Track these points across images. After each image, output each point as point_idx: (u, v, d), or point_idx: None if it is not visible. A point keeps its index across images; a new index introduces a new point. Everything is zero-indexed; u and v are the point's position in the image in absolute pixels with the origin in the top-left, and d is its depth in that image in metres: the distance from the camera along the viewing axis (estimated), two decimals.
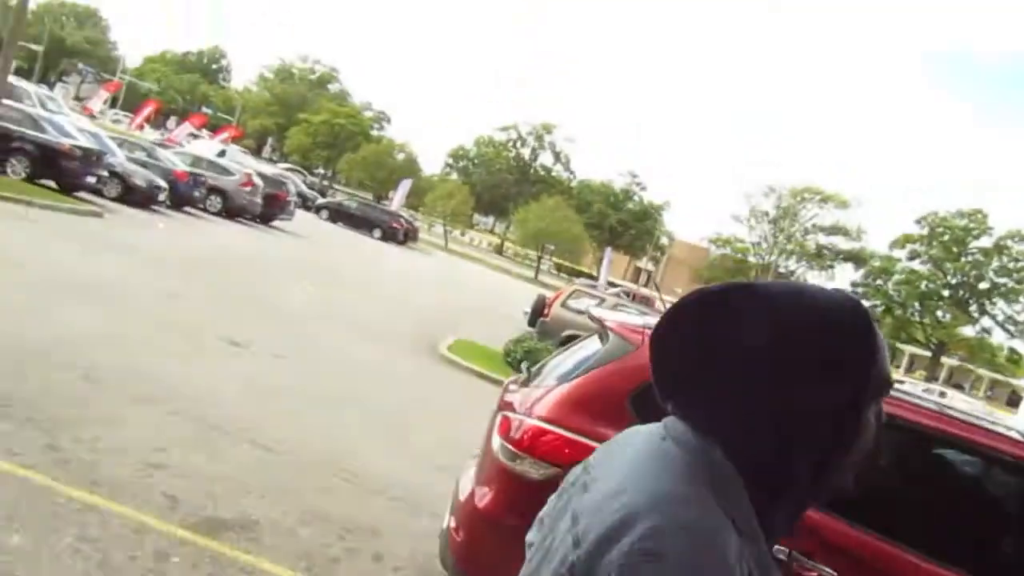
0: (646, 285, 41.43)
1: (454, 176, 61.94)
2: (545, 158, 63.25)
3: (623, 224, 59.51)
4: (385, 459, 5.84)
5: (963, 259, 44.72)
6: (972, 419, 3.36)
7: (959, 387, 67.26)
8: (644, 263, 68.74)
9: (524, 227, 45.07)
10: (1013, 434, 3.31)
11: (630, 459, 0.97)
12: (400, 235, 35.93)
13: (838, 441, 0.92)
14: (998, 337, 46.18)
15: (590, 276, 42.83)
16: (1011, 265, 44.03)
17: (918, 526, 3.30)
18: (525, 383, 3.68)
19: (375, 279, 20.43)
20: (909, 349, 55.82)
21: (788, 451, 0.91)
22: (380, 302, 15.41)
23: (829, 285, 1.12)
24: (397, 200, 42.19)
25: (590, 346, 3.57)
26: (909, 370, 63.89)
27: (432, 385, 9.56)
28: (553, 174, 62.64)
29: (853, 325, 0.92)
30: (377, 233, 34.84)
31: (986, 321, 45.84)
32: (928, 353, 48.21)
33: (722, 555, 0.84)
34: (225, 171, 22.04)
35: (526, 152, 63.06)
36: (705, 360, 0.94)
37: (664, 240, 69.39)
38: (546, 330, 13.34)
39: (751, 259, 53.22)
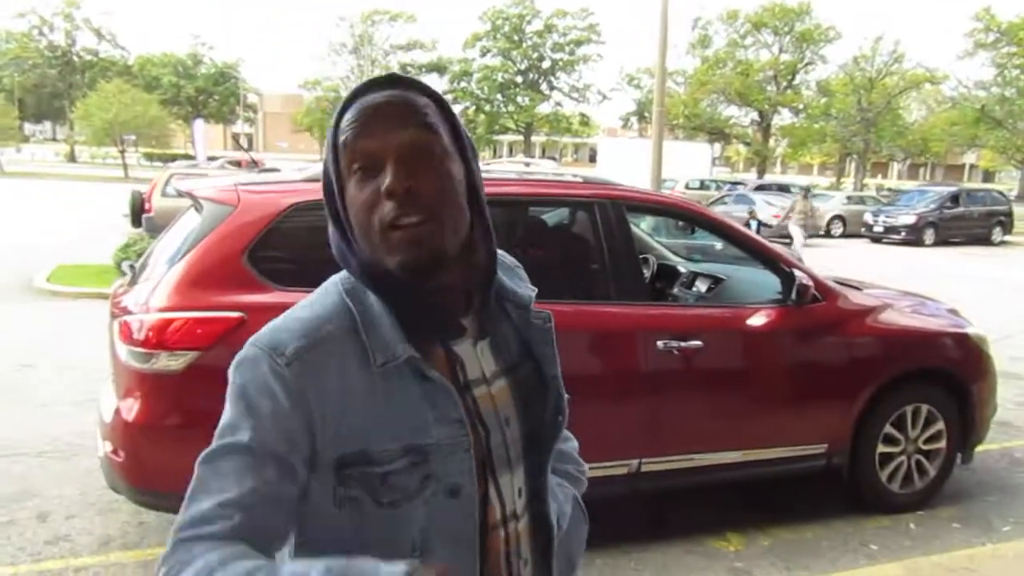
0: (249, 149, 39.45)
1: None
2: (86, 39, 54.60)
3: (202, 92, 54.90)
4: (12, 421, 5.15)
5: (524, 44, 49.30)
6: (545, 177, 3.89)
7: (553, 158, 76.57)
8: (240, 127, 64.94)
9: (90, 123, 39.45)
10: (573, 178, 3.89)
11: None
12: None
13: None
14: (568, 106, 52.61)
15: (187, 157, 39.52)
16: (562, 41, 49.64)
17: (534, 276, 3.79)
18: (133, 281, 3.41)
19: None
20: (506, 138, 61.36)
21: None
22: None
23: None
24: None
25: (188, 223, 3.38)
26: (511, 155, 70.73)
27: (37, 324, 8.39)
28: (103, 56, 54.59)
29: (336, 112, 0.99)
30: None
31: (556, 95, 51.83)
32: (521, 137, 53.53)
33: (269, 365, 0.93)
34: None
35: (59, 38, 53.78)
36: None
37: (253, 98, 65.71)
38: (154, 226, 12.25)
39: (344, 93, 52.99)
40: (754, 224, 14.83)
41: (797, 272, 3.78)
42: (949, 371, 4.30)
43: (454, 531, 0.98)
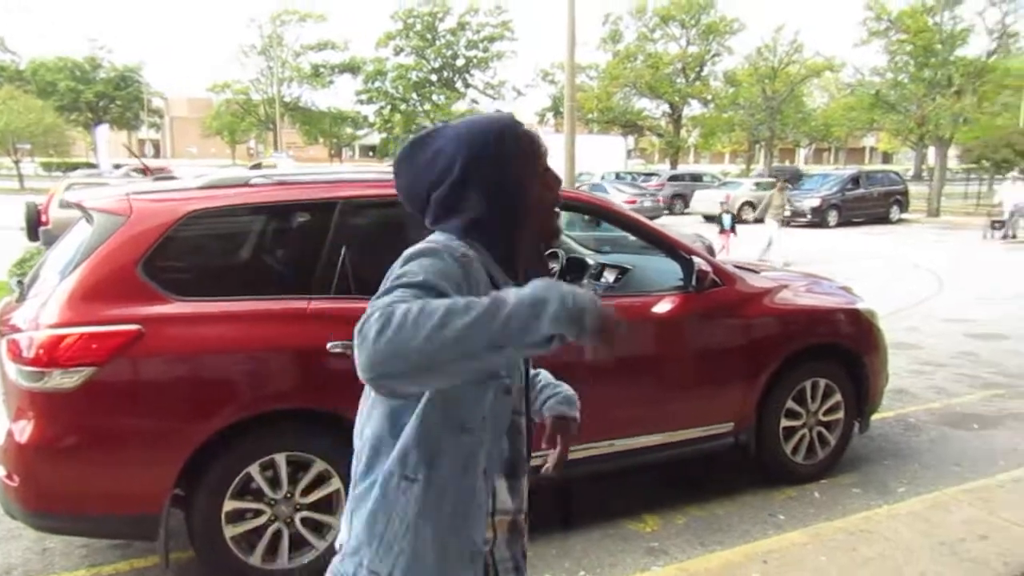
0: (152, 156, 37.94)
1: None
2: None
3: (103, 97, 52.61)
4: None
5: (437, 43, 49.07)
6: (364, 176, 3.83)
7: None
8: (145, 132, 62.58)
9: None
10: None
11: None
12: None
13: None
14: (484, 103, 52.61)
15: (89, 165, 37.82)
16: (475, 38, 49.62)
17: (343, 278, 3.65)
18: (22, 298, 3.28)
19: None
20: None
21: (508, 224, 1.38)
22: None
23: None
24: None
25: (79, 235, 3.27)
26: None
27: None
28: None
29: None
30: None
31: (472, 93, 51.80)
32: None
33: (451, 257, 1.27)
34: None
35: None
36: (428, 182, 1.39)
37: (159, 102, 63.36)
38: (52, 239, 11.68)
39: (255, 96, 51.64)
40: (727, 219, 14.60)
41: (696, 258, 3.91)
42: (843, 346, 4.53)
43: (503, 418, 1.37)
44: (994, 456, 4.93)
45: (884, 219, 24.63)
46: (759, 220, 14.87)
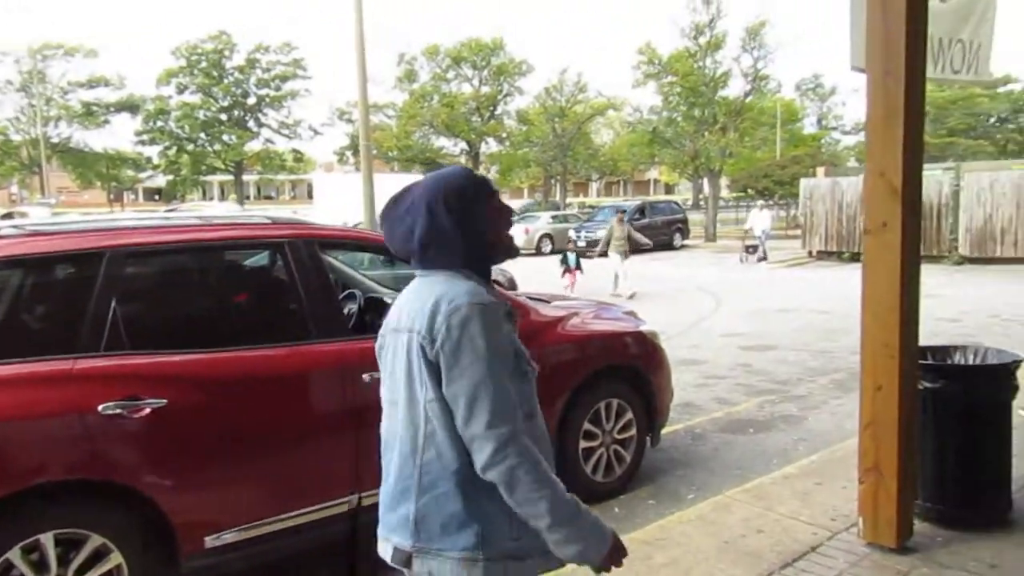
0: None
1: None
2: None
3: None
4: None
5: (225, 80, 47.01)
6: (231, 220, 3.75)
7: (270, 198, 73.81)
8: None
9: None
10: (260, 219, 3.81)
11: (412, 291, 1.73)
12: None
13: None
14: (281, 143, 51.03)
15: None
16: (266, 76, 48.07)
17: (232, 324, 3.66)
18: None
19: None
20: (216, 178, 58.08)
21: (480, 249, 1.73)
22: None
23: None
24: None
25: None
26: (223, 197, 67.02)
27: None
28: None
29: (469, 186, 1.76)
30: None
31: (266, 132, 50.01)
32: (232, 177, 50.98)
33: (501, 313, 1.64)
34: None
35: None
36: (414, 233, 1.68)
37: None
38: None
39: (14, 137, 46.63)
40: (572, 257, 14.56)
41: None
42: (632, 366, 4.82)
43: (535, 401, 1.75)
44: (768, 456, 5.43)
45: (668, 246, 26.66)
46: (603, 255, 15.27)
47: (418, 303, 1.66)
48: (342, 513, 3.53)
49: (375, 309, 4.90)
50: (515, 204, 36.21)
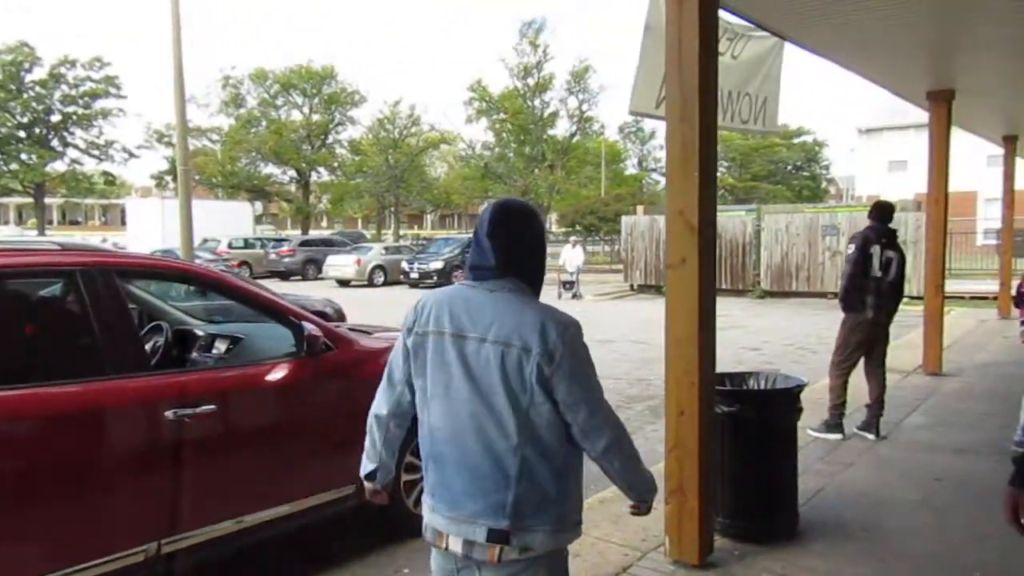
0: None
1: None
2: None
3: None
4: None
5: (25, 95, 42.97)
6: (9, 246, 3.41)
7: (76, 223, 67.97)
8: None
9: None
10: (48, 245, 3.50)
11: (493, 303, 1.94)
12: None
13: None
14: (90, 164, 47.25)
15: None
16: (73, 93, 44.42)
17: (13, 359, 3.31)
18: None
19: None
20: (12, 200, 52.70)
21: (544, 271, 2.08)
22: None
23: None
24: None
25: None
26: (21, 221, 60.97)
27: None
28: None
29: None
30: None
31: (72, 152, 46.09)
32: (31, 199, 46.54)
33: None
34: None
35: None
36: (514, 248, 1.99)
37: None
38: None
39: None
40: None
41: (305, 324, 3.90)
42: None
43: None
44: (585, 483, 5.59)
45: None
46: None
47: (510, 318, 1.89)
48: (138, 563, 3.25)
49: (184, 342, 4.63)
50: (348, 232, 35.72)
